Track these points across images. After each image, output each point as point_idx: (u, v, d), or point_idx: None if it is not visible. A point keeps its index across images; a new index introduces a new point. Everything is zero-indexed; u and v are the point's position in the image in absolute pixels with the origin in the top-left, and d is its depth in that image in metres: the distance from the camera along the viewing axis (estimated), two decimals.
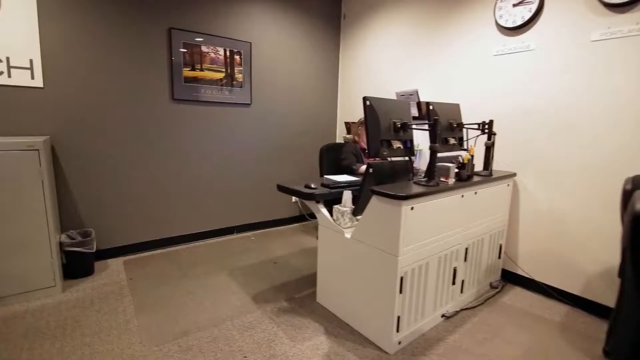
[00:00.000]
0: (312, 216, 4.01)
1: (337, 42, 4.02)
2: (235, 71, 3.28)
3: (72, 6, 2.54)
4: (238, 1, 3.23)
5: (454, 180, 1.76)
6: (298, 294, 2.39)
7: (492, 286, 2.49)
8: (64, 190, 2.68)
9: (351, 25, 3.88)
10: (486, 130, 2.25)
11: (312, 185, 2.02)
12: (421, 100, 2.71)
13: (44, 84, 2.51)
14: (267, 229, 3.76)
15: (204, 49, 3.08)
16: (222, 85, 3.22)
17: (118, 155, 2.85)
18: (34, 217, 2.20)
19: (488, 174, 2.20)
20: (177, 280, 2.56)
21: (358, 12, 3.77)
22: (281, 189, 2.18)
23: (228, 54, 3.21)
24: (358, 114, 3.78)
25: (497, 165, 2.63)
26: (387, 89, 3.46)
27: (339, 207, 1.92)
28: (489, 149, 2.25)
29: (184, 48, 2.98)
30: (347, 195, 1.91)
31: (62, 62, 2.56)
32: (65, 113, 2.62)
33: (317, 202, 1.98)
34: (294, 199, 3.89)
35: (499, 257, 2.52)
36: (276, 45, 3.53)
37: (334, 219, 1.97)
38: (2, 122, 2.41)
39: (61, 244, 2.48)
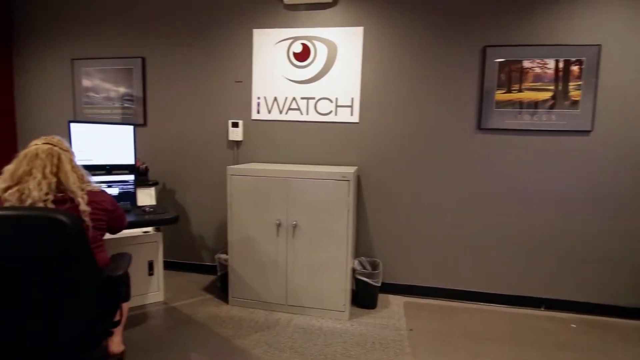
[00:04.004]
0: None
1: None
2: (570, 87, 2.39)
3: (387, 45, 2.63)
4: None
5: None
6: None
7: None
8: (361, 218, 2.79)
9: None
10: None
11: None
12: None
13: (359, 119, 2.72)
14: (596, 317, 2.50)
15: (526, 64, 2.42)
16: (547, 107, 2.43)
17: (414, 190, 2.70)
18: (338, 241, 2.32)
19: None
20: (464, 357, 2.01)
21: None
22: None
23: (561, 65, 2.38)
24: None
25: None
26: None
27: None
28: None
29: (499, 67, 2.46)
30: None
31: (374, 98, 2.69)
32: (372, 146, 2.72)
33: None
34: None
35: None
36: None
37: None
38: (325, 153, 2.79)
39: (353, 271, 2.54)
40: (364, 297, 2.54)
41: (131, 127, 2.56)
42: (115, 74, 3.04)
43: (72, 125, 2.35)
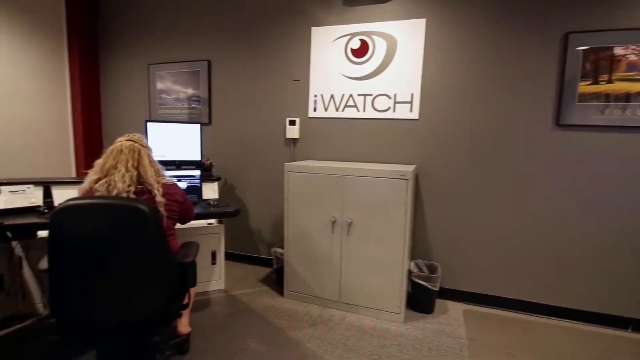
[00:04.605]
0: None
1: None
2: None
3: (452, 37, 2.48)
4: None
5: None
6: None
7: None
8: (419, 219, 2.69)
9: None
10: None
11: None
12: None
13: (419, 116, 2.61)
14: None
15: (618, 51, 2.13)
16: None
17: (478, 192, 2.52)
18: (394, 241, 2.26)
19: None
20: None
21: None
22: None
23: None
24: None
25: None
26: None
27: None
28: None
29: (583, 55, 2.19)
30: None
31: (435, 93, 2.56)
32: (433, 143, 2.60)
33: None
34: None
35: None
36: None
37: None
38: (382, 151, 2.73)
39: (409, 273, 2.46)
40: (420, 300, 2.45)
41: (198, 126, 2.74)
42: (184, 76, 3.27)
43: (149, 124, 2.57)
